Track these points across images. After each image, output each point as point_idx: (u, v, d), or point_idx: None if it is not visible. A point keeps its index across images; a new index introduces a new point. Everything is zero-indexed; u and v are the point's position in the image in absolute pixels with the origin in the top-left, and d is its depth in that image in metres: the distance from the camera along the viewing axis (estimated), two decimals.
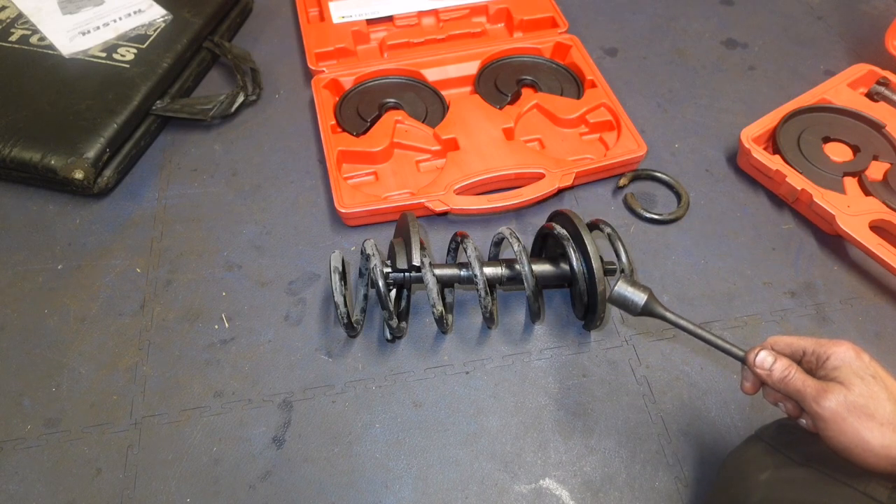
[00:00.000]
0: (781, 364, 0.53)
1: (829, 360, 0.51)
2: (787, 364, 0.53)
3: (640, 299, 0.60)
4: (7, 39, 1.03)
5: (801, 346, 0.53)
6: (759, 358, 0.54)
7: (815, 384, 0.50)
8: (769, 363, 0.53)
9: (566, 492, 0.69)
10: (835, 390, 0.48)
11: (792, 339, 0.54)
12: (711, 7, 1.27)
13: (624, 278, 0.61)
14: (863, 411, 0.47)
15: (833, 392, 0.48)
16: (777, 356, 0.53)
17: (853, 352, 0.50)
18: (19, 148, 0.89)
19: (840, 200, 0.87)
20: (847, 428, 0.47)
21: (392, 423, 0.73)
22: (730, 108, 1.08)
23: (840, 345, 0.51)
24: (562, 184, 0.90)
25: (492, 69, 1.08)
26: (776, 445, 0.56)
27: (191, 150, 1.01)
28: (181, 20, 1.07)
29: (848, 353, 0.50)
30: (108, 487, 0.69)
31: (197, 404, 0.75)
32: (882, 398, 0.48)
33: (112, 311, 0.82)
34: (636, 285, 0.60)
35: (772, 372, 0.53)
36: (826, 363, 0.51)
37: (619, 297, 0.60)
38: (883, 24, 1.13)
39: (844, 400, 0.48)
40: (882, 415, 0.47)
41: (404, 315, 0.79)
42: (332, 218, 0.92)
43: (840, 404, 0.48)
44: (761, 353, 0.54)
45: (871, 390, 0.48)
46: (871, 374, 0.49)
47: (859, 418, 0.47)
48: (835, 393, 0.48)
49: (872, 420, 0.47)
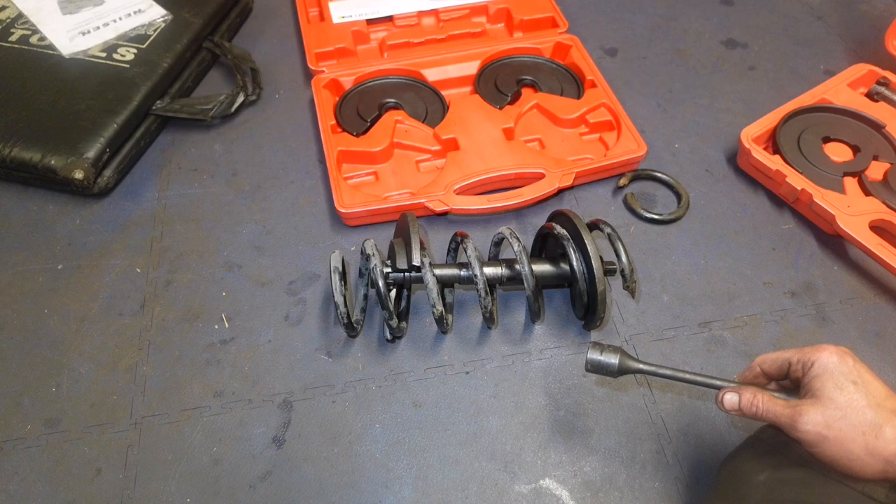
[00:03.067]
0: (746, 398, 0.54)
1: (812, 368, 0.51)
2: (751, 396, 0.53)
3: (614, 360, 0.61)
4: (7, 39, 1.03)
5: (786, 357, 0.54)
6: (725, 400, 0.55)
7: (787, 410, 0.50)
8: (735, 402, 0.54)
9: (566, 492, 0.69)
10: (809, 411, 0.49)
11: (777, 355, 0.55)
12: (711, 7, 1.27)
13: (592, 345, 0.62)
14: (842, 425, 0.47)
15: (808, 413, 0.49)
16: (741, 390, 0.54)
17: (836, 356, 0.50)
18: (19, 148, 0.89)
19: (840, 200, 0.87)
20: (831, 444, 0.48)
21: (392, 423, 0.73)
22: (730, 108, 1.08)
23: (823, 350, 0.51)
24: (562, 184, 0.90)
25: (492, 69, 1.08)
26: (775, 446, 0.56)
27: (191, 150, 1.01)
28: (181, 20, 1.07)
29: (831, 359, 0.50)
30: (108, 487, 0.69)
31: (197, 404, 0.75)
32: (861, 406, 0.48)
33: (112, 311, 0.82)
34: (605, 349, 0.61)
35: (741, 409, 0.54)
36: (810, 370, 0.51)
37: (594, 365, 0.61)
38: (883, 24, 1.13)
39: (822, 418, 0.48)
40: (862, 423, 0.47)
41: (404, 315, 0.79)
42: (332, 218, 0.92)
43: (818, 424, 0.48)
44: (726, 395, 0.55)
45: (848, 400, 0.48)
46: (853, 381, 0.49)
47: (840, 432, 0.47)
48: (810, 414, 0.49)
49: (854, 431, 0.47)
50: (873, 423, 0.47)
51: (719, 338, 0.80)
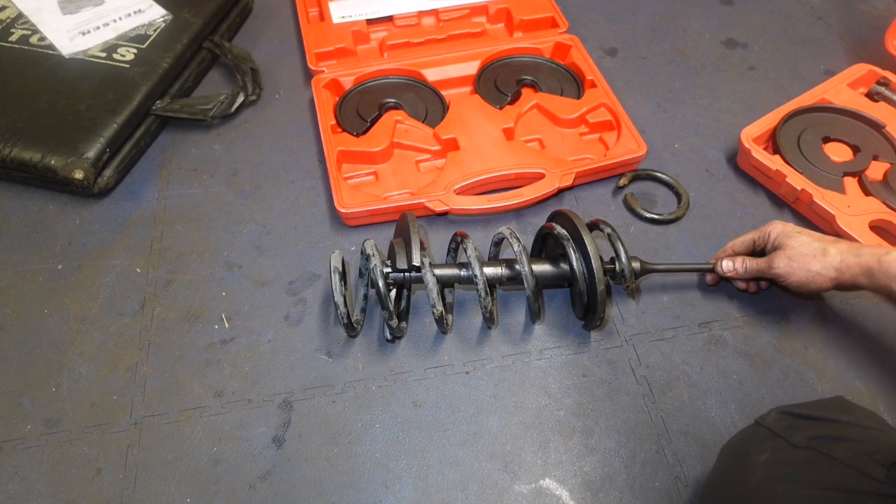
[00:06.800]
0: (739, 261, 0.78)
1: (770, 235, 0.76)
2: (742, 259, 0.78)
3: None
4: (7, 39, 1.03)
5: (751, 237, 0.78)
6: (724, 266, 0.79)
7: (764, 260, 0.75)
8: (732, 266, 0.78)
9: (566, 492, 0.69)
10: (778, 255, 0.73)
11: (743, 237, 0.79)
12: (711, 7, 1.27)
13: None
14: (800, 254, 0.71)
15: (777, 258, 0.73)
16: (733, 258, 0.78)
17: (782, 224, 0.75)
18: (19, 148, 0.89)
19: (840, 200, 0.87)
20: (796, 270, 0.71)
21: (392, 423, 0.73)
22: (730, 108, 1.08)
23: (773, 223, 0.76)
24: (562, 184, 0.90)
25: (492, 69, 1.08)
26: (775, 431, 0.58)
27: (191, 150, 1.01)
28: (181, 20, 1.07)
29: (778, 226, 0.75)
30: (108, 487, 0.69)
31: (197, 404, 0.75)
32: (808, 241, 0.71)
33: (112, 311, 0.82)
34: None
35: (736, 269, 0.78)
36: (769, 239, 0.76)
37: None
38: (883, 24, 1.13)
39: (786, 257, 0.72)
40: (813, 250, 0.70)
41: (404, 315, 0.79)
42: (332, 218, 0.92)
43: (785, 260, 0.72)
44: (723, 262, 0.79)
45: (799, 241, 0.72)
46: (798, 232, 0.73)
47: (801, 260, 0.71)
48: (779, 257, 0.73)
49: (808, 257, 0.70)
50: (820, 248, 0.70)
51: (719, 338, 0.80)
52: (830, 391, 0.76)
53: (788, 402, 0.70)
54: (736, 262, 0.78)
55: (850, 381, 0.76)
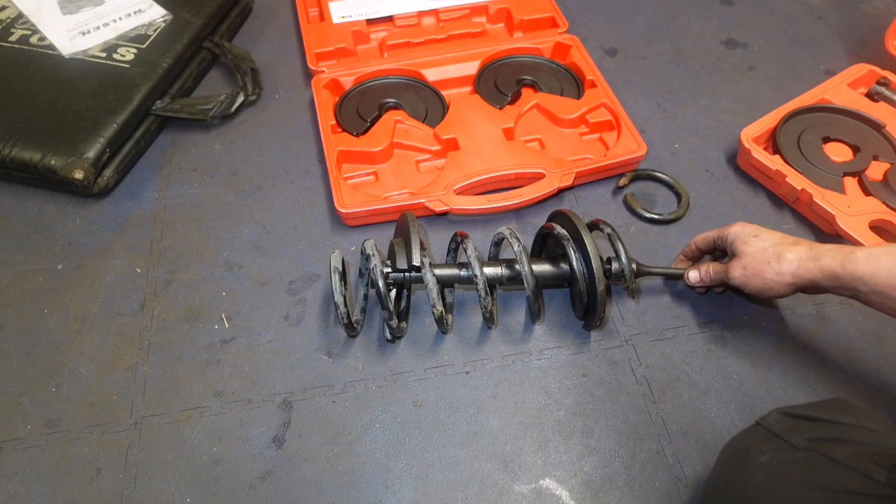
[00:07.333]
0: (703, 271, 0.77)
1: (727, 238, 0.74)
2: (705, 268, 0.77)
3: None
4: (7, 39, 1.03)
5: (711, 237, 0.78)
6: (691, 275, 0.79)
7: (722, 269, 0.75)
8: (697, 276, 0.78)
9: (566, 492, 0.69)
10: (734, 264, 0.72)
11: (706, 235, 0.79)
12: (711, 7, 1.27)
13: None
14: (755, 261, 0.69)
15: (733, 266, 0.72)
16: (698, 269, 0.78)
17: (739, 226, 0.74)
18: (19, 148, 0.89)
19: (840, 200, 0.87)
20: (751, 279, 0.70)
21: (392, 423, 0.73)
22: (730, 108, 1.08)
23: (732, 225, 0.74)
24: (562, 184, 0.90)
25: (492, 69, 1.08)
26: (776, 432, 0.57)
27: (191, 150, 1.01)
28: (181, 20, 1.07)
29: (736, 228, 0.74)
30: (108, 487, 0.69)
31: (197, 404, 0.75)
32: (762, 247, 0.70)
33: (112, 311, 0.82)
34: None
35: (701, 279, 0.78)
36: (726, 241, 0.75)
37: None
38: (883, 24, 1.13)
39: (741, 266, 0.71)
40: (767, 256, 0.69)
41: (404, 315, 0.79)
42: (332, 218, 0.92)
43: (740, 269, 0.71)
44: (690, 273, 0.79)
45: (754, 248, 0.70)
46: (753, 236, 0.71)
47: (756, 268, 0.69)
48: (734, 266, 0.72)
49: (763, 264, 0.69)
50: (775, 253, 0.68)
51: (719, 338, 0.80)
52: (830, 392, 0.76)
53: (788, 402, 0.70)
54: (701, 272, 0.77)
55: (851, 382, 0.76)
